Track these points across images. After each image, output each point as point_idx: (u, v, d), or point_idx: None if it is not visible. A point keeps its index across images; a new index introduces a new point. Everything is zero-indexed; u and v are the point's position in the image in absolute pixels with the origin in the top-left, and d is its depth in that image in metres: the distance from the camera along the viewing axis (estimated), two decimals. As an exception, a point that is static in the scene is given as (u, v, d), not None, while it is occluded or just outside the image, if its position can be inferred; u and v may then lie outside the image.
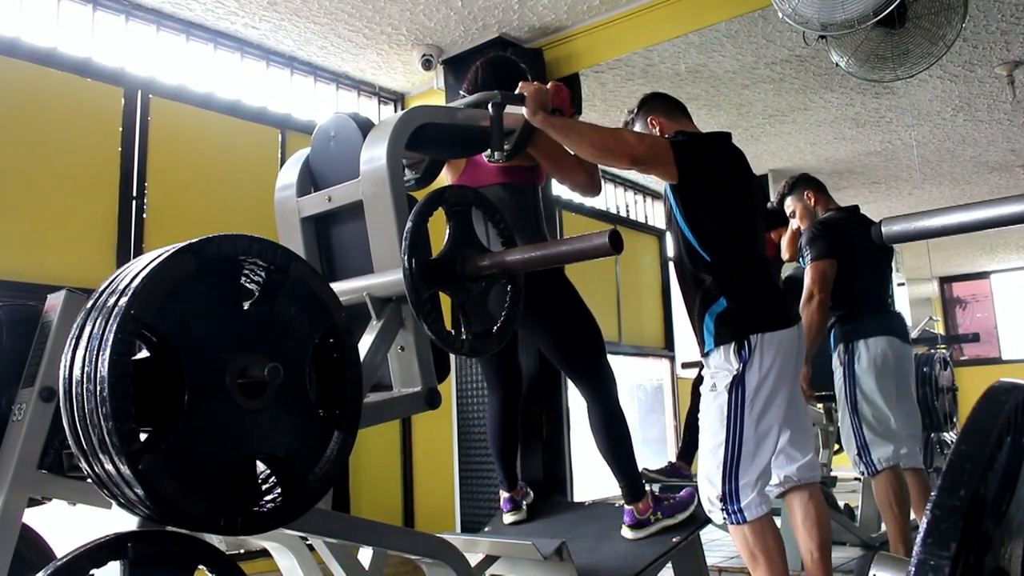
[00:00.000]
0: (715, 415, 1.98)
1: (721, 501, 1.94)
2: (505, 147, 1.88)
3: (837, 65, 3.25)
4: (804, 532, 2.07)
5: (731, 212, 2.07)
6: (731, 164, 2.12)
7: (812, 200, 3.13)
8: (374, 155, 1.54)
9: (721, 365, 1.98)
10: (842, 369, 2.91)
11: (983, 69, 4.31)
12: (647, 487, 2.26)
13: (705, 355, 2.05)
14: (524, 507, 2.47)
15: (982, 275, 9.64)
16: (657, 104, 2.32)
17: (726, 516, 1.94)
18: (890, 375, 2.85)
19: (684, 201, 2.06)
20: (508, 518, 2.46)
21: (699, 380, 3.62)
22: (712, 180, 2.06)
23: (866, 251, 2.90)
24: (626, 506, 2.22)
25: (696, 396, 3.64)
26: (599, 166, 2.28)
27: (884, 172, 6.06)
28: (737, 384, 1.95)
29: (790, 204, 3.21)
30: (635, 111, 2.33)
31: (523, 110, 1.88)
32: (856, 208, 3.12)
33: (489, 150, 1.84)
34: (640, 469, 2.39)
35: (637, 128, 2.29)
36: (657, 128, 2.24)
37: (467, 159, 2.33)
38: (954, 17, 2.94)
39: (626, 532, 2.19)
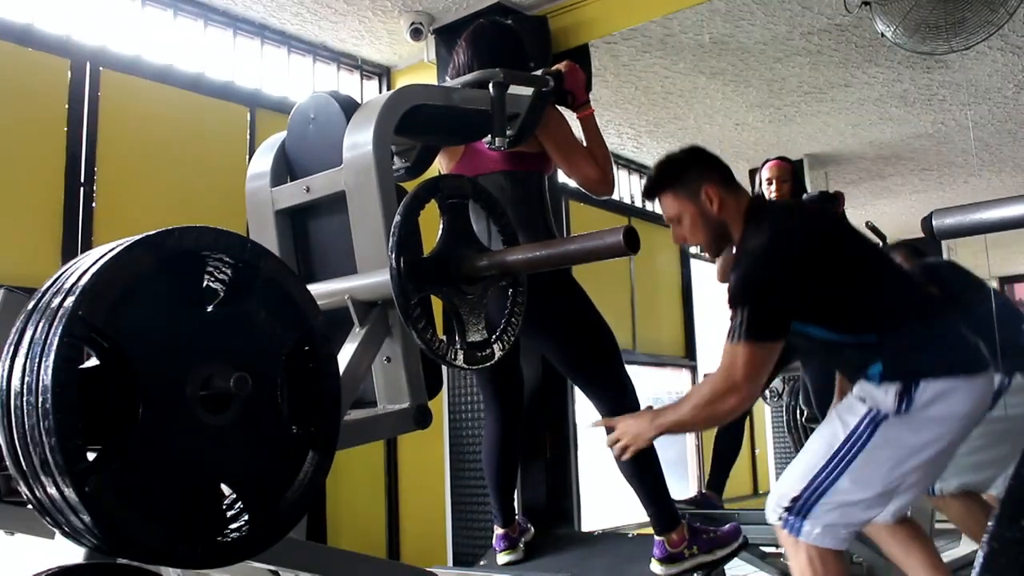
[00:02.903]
0: (828, 435, 1.94)
1: (790, 502, 1.92)
2: (508, 132, 1.88)
3: (883, 35, 3.26)
4: None
5: (845, 294, 1.95)
6: (813, 261, 1.93)
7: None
8: (359, 140, 1.54)
9: (869, 392, 1.90)
10: None
11: (1050, 40, 4.32)
12: (683, 516, 2.25)
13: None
14: (521, 546, 2.47)
15: (1048, 275, 9.63)
16: (711, 170, 2.08)
17: (782, 520, 1.93)
18: None
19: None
20: (502, 558, 2.46)
21: None
22: (804, 298, 1.92)
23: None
24: (656, 537, 2.21)
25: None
26: (612, 161, 2.29)
27: (936, 157, 6.06)
28: (875, 422, 1.88)
29: None
30: (674, 182, 2.08)
31: (529, 91, 1.88)
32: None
33: (489, 136, 1.84)
34: None
35: (685, 198, 2.05)
36: (715, 202, 2.03)
37: (465, 145, 2.33)
38: (1017, -19, 2.95)
39: (655, 567, 2.18)
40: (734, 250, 2.06)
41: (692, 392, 2.01)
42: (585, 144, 2.28)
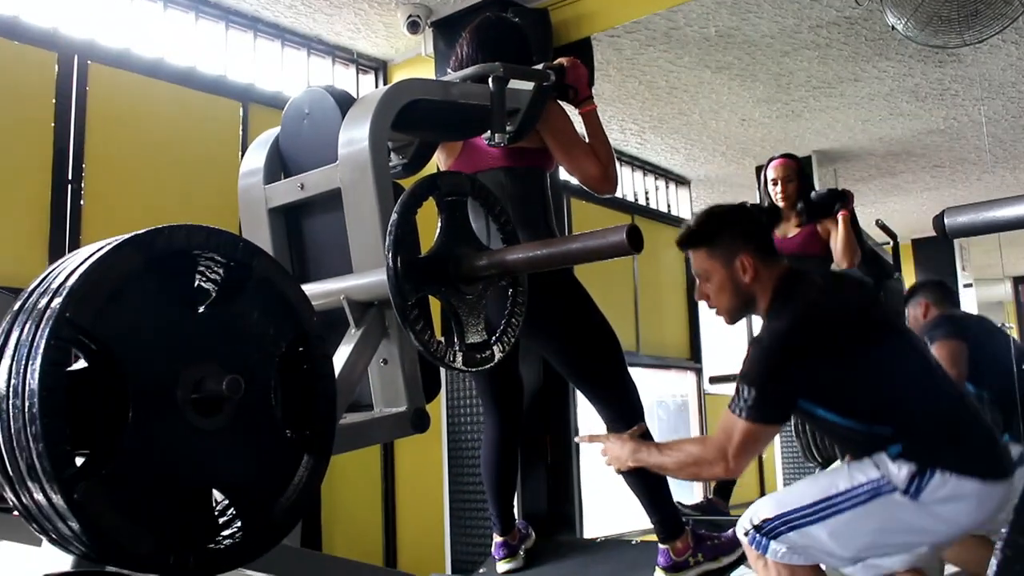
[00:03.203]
0: (828, 481, 1.94)
1: (761, 522, 1.93)
2: (508, 128, 1.88)
3: (893, 28, 3.26)
4: None
5: (864, 386, 1.93)
6: (833, 352, 1.92)
7: (923, 310, 3.26)
8: (355, 136, 1.54)
9: (883, 462, 1.87)
10: None
11: (1065, 33, 4.32)
12: (687, 523, 2.26)
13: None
14: (521, 553, 2.48)
15: (1064, 275, 9.63)
16: (751, 236, 2.04)
17: (747, 536, 1.94)
18: None
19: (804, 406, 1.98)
20: (501, 567, 2.46)
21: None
22: (818, 386, 1.93)
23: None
24: (660, 545, 2.22)
25: None
26: (615, 158, 2.30)
27: (948, 154, 6.06)
28: (878, 491, 1.86)
29: (908, 313, 3.37)
30: (710, 240, 2.04)
31: (530, 86, 1.89)
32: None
33: (489, 132, 1.85)
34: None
35: (718, 261, 2.02)
36: (748, 271, 2.00)
37: (464, 141, 2.34)
38: (1031, -28, 2.95)
39: None
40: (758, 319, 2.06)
41: (684, 444, 2.03)
42: (587, 140, 2.29)
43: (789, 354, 1.90)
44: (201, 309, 1.16)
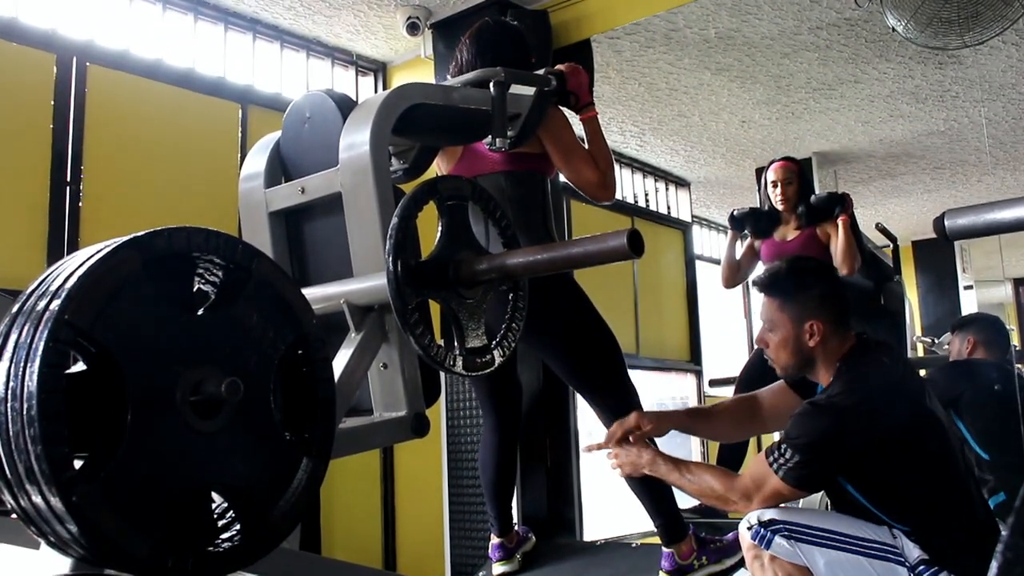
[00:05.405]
0: (849, 520, 1.94)
1: (768, 519, 1.92)
2: (509, 133, 1.88)
3: (893, 30, 3.26)
4: None
5: (900, 484, 1.93)
6: (885, 446, 1.91)
7: (969, 347, 3.26)
8: (356, 140, 1.54)
9: (901, 535, 1.89)
10: None
11: (1065, 35, 4.32)
12: (690, 526, 2.26)
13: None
14: (517, 557, 2.48)
15: (1064, 276, 9.63)
16: (828, 304, 2.02)
17: (751, 529, 1.93)
18: None
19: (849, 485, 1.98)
20: (498, 568, 2.46)
21: None
22: (865, 469, 1.93)
23: None
24: (664, 548, 2.22)
25: None
26: (614, 166, 2.30)
27: (949, 155, 6.07)
28: (889, 555, 1.87)
29: (953, 341, 3.39)
30: (785, 295, 2.02)
31: (531, 91, 1.89)
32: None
33: (490, 136, 1.85)
34: None
35: (788, 317, 2.01)
36: (815, 337, 1.99)
37: (464, 145, 2.34)
38: (1032, -26, 2.96)
39: None
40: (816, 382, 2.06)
41: (707, 474, 1.99)
42: (587, 147, 2.29)
43: (843, 435, 1.88)
44: (200, 311, 1.16)
